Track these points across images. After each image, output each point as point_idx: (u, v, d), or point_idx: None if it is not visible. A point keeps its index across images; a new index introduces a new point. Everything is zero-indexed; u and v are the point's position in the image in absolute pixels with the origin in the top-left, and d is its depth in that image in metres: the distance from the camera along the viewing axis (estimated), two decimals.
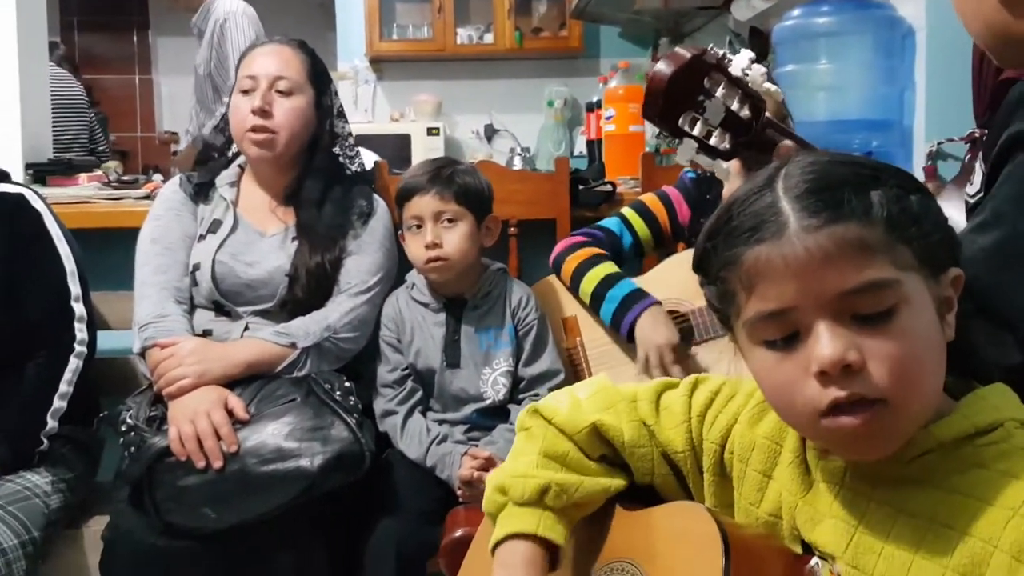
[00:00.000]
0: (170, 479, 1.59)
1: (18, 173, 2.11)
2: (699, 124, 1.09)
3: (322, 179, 1.91)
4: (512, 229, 2.19)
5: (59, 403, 1.77)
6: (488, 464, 1.71)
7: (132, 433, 1.66)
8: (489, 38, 4.63)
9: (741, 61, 1.10)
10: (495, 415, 1.84)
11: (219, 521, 1.58)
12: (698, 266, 0.88)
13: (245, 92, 1.85)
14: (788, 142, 1.14)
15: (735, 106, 1.10)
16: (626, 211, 1.99)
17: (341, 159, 1.98)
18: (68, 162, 2.88)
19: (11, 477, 1.73)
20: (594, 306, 1.87)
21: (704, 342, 1.84)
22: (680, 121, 1.08)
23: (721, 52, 1.09)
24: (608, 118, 3.30)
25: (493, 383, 1.84)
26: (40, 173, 2.64)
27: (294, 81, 1.86)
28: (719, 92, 1.08)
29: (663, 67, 1.05)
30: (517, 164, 4.33)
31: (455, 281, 1.85)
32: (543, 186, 2.26)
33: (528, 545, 0.98)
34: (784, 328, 0.79)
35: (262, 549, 1.62)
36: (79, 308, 1.82)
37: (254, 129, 1.83)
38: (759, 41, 2.84)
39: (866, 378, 0.77)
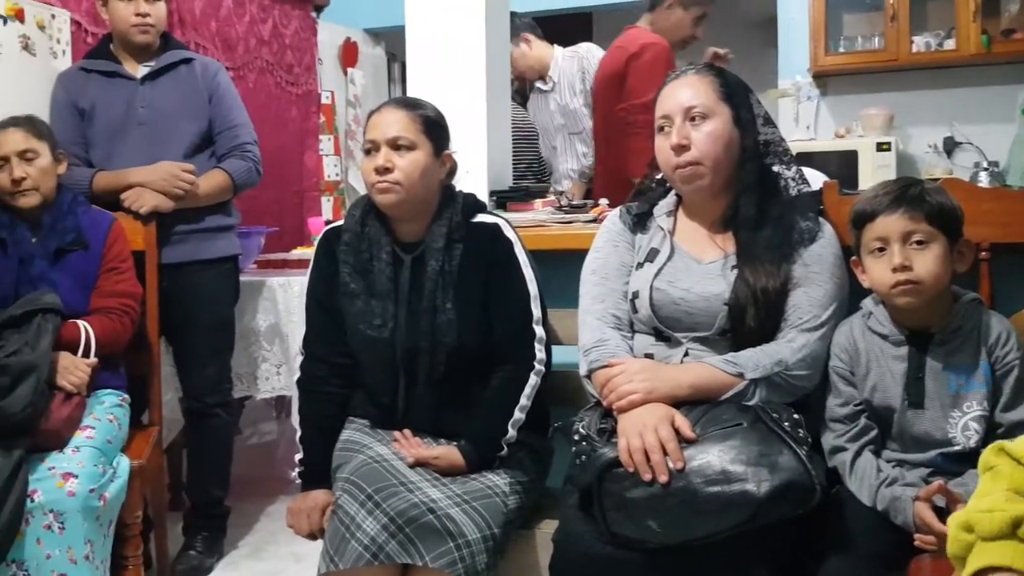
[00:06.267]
0: (617, 489, 1.63)
1: (483, 199, 2.33)
2: None
3: (755, 194, 1.85)
4: (983, 254, 1.95)
5: (519, 415, 1.93)
6: (949, 499, 1.53)
7: (584, 443, 1.74)
8: (950, 44, 4.26)
9: None
10: (964, 460, 1.64)
11: (664, 537, 1.58)
12: None
13: (662, 130, 1.87)
14: None
15: None
16: None
17: (777, 169, 1.90)
18: (526, 189, 3.13)
19: (475, 476, 1.89)
20: None
21: None
22: None
23: None
24: None
25: (963, 428, 1.65)
26: (502, 199, 2.90)
27: (706, 106, 1.83)
28: None
29: None
30: (983, 180, 3.91)
31: (923, 310, 1.68)
32: (1023, 205, 1.99)
33: None
34: None
35: (708, 572, 1.60)
36: (539, 330, 1.98)
37: (678, 166, 1.83)
38: None
39: None
